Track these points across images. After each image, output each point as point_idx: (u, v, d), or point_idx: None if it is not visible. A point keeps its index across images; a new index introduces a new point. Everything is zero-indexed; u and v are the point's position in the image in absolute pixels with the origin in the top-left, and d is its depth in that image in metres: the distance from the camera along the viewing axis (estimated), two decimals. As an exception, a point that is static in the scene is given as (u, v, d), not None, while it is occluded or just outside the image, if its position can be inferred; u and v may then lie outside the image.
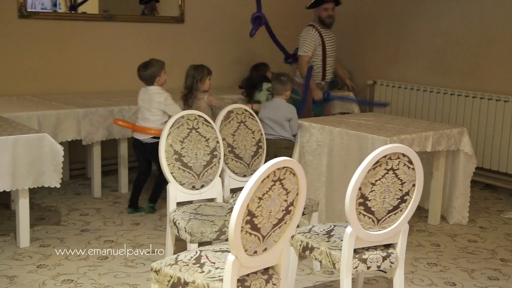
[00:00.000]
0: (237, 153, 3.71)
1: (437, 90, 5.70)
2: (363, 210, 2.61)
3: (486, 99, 5.35)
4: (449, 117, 5.55)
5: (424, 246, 4.01)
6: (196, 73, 4.54)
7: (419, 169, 2.67)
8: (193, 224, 3.01)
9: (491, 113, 5.32)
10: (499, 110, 5.25)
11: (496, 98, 5.26)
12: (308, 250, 2.84)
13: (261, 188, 2.18)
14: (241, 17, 6.27)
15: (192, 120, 3.39)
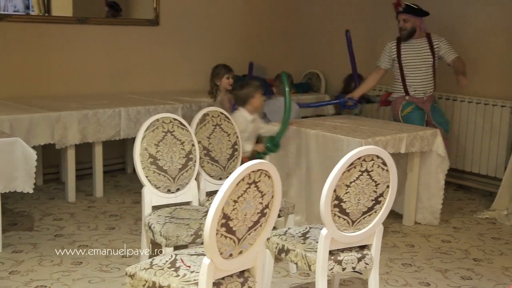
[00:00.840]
0: (212, 156, 3.70)
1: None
2: (338, 211, 2.62)
3: (458, 101, 5.43)
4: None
5: (399, 247, 4.04)
6: (215, 70, 4.84)
7: (393, 171, 2.70)
8: (169, 228, 2.99)
9: (464, 114, 5.40)
10: (471, 112, 5.34)
11: (468, 100, 5.35)
12: (284, 253, 2.84)
13: (236, 191, 2.18)
14: (217, 20, 6.28)
15: (167, 123, 3.38)
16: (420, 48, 4.79)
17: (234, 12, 6.40)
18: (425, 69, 4.78)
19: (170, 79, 6.05)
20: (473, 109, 5.35)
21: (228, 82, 4.81)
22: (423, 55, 4.78)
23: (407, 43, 4.79)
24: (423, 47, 4.78)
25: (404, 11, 4.76)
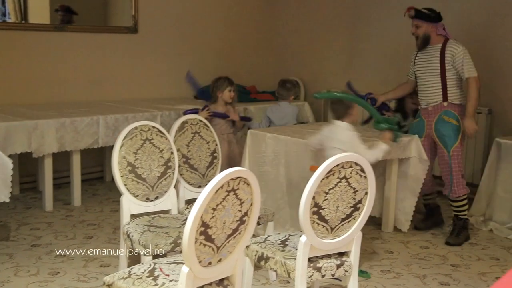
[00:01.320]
0: (192, 164, 3.69)
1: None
2: (317, 218, 2.63)
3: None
4: (401, 126, 5.66)
5: (378, 253, 4.07)
6: (216, 83, 4.73)
7: (371, 177, 2.72)
8: (147, 237, 2.97)
9: None
10: None
11: None
12: (264, 260, 2.84)
13: (215, 199, 2.17)
14: (196, 28, 6.28)
15: (146, 131, 3.36)
16: (430, 55, 4.41)
17: (213, 20, 6.41)
18: (431, 77, 4.37)
19: (149, 86, 6.03)
20: None
21: (230, 95, 4.72)
22: (431, 62, 4.40)
23: (423, 50, 4.45)
24: (433, 54, 4.39)
25: (415, 17, 4.41)
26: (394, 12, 5.78)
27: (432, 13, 4.38)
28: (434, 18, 4.38)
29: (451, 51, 4.29)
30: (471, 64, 4.25)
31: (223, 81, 4.69)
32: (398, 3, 5.75)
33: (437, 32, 4.37)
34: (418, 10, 4.40)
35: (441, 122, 4.36)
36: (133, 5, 5.78)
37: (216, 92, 4.71)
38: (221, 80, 4.71)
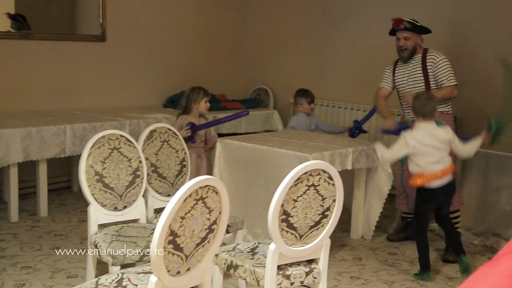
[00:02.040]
0: (160, 173, 3.67)
1: (357, 107, 5.88)
2: (285, 226, 2.64)
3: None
4: (369, 134, 5.73)
5: (347, 260, 4.10)
6: (191, 93, 4.49)
7: (339, 185, 2.74)
8: (115, 246, 2.94)
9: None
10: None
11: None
12: (233, 268, 2.84)
13: (183, 208, 2.17)
14: (165, 35, 6.26)
15: (114, 140, 3.33)
16: (412, 67, 4.33)
17: (182, 27, 6.40)
18: (415, 90, 4.23)
19: (118, 95, 5.98)
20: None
21: (206, 106, 4.52)
22: (414, 74, 4.31)
23: (401, 63, 4.39)
24: (414, 66, 4.31)
25: (405, 29, 4.28)
26: (363, 20, 5.88)
27: (421, 25, 4.32)
28: (422, 30, 4.30)
29: (432, 60, 4.25)
30: (452, 73, 4.21)
31: (198, 92, 4.49)
32: (368, 11, 5.84)
33: (421, 44, 4.35)
34: (411, 22, 4.30)
35: None
36: (100, 14, 5.74)
37: (191, 103, 4.48)
38: (196, 91, 4.51)
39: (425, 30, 4.33)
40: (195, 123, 4.49)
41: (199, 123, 4.51)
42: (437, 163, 3.67)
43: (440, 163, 3.68)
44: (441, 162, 3.68)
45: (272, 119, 6.33)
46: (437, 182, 3.69)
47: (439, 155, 3.68)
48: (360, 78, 5.95)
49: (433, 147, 3.67)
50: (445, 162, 3.70)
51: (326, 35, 6.23)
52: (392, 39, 5.61)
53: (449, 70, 4.22)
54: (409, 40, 4.29)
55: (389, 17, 5.65)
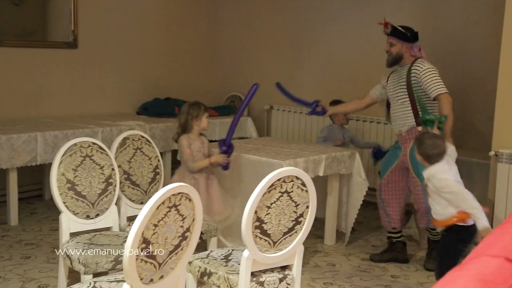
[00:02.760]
0: (133, 180, 3.64)
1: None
2: (259, 233, 2.65)
3: (375, 122, 5.63)
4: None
5: (321, 266, 4.12)
6: (191, 109, 3.92)
7: (312, 191, 2.76)
8: (87, 255, 2.91)
9: (380, 135, 5.61)
10: (387, 133, 5.55)
11: (384, 122, 5.56)
12: (206, 276, 2.83)
13: (156, 215, 2.16)
14: (137, 43, 6.24)
15: (86, 148, 3.30)
16: (399, 77, 4.16)
17: (155, 35, 6.38)
18: (400, 100, 4.11)
19: (90, 102, 5.93)
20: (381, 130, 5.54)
21: (207, 122, 3.97)
22: (399, 85, 4.14)
23: (395, 72, 4.21)
24: (402, 76, 4.14)
25: (390, 34, 4.16)
26: (336, 26, 5.93)
27: (408, 32, 4.12)
28: (410, 37, 4.11)
29: (415, 70, 4.05)
30: (439, 82, 3.96)
31: (198, 107, 3.93)
32: (341, 18, 5.90)
33: (412, 52, 4.11)
34: (394, 28, 4.15)
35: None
36: (72, 20, 5.69)
37: (191, 120, 3.89)
38: (196, 106, 3.94)
39: (409, 38, 4.11)
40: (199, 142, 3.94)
41: (201, 141, 3.95)
42: None
43: None
44: None
45: (246, 126, 6.34)
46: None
47: None
48: (332, 85, 6.00)
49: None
50: None
51: (298, 42, 6.28)
52: (365, 49, 5.71)
53: (435, 78, 3.97)
54: (393, 46, 4.14)
55: (361, 23, 5.75)
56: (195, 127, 3.92)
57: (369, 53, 5.66)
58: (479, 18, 4.86)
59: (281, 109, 6.42)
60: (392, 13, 5.47)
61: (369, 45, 5.68)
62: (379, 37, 5.60)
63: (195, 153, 3.87)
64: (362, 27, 5.72)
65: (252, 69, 6.69)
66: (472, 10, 4.94)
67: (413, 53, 4.12)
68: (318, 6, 6.07)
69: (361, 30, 5.74)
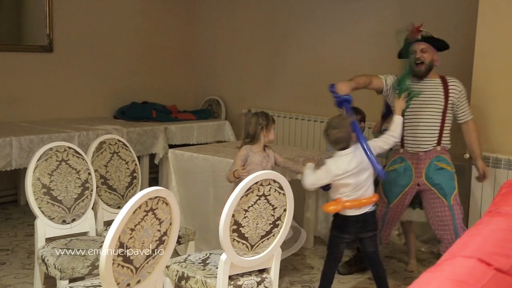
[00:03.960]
0: (110, 185, 3.62)
1: (308, 117, 5.96)
2: (237, 236, 2.65)
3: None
4: (320, 144, 5.82)
5: (299, 269, 4.13)
6: (260, 119, 3.70)
7: (289, 194, 2.77)
8: (63, 260, 2.88)
9: None
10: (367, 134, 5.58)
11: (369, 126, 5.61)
12: (184, 280, 2.82)
13: (133, 219, 2.15)
14: (114, 46, 6.20)
15: (62, 152, 3.27)
16: (432, 90, 3.73)
17: (132, 38, 6.35)
18: (431, 117, 3.70)
19: (67, 106, 5.87)
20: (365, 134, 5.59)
21: (274, 134, 3.76)
22: (434, 100, 3.71)
23: (417, 82, 3.75)
24: (435, 90, 3.72)
25: (422, 40, 3.72)
26: (315, 30, 5.96)
27: (443, 40, 3.77)
28: (443, 46, 3.77)
29: (455, 89, 3.73)
30: (469, 106, 3.81)
31: (267, 118, 3.70)
32: (320, 21, 5.93)
33: (436, 63, 3.77)
34: (429, 35, 3.76)
35: (433, 169, 3.70)
36: (47, 24, 5.63)
37: (260, 132, 3.65)
38: (265, 117, 3.70)
39: (442, 46, 3.77)
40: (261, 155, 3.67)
41: (265, 154, 3.71)
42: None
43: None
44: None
45: (224, 129, 6.34)
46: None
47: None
48: (310, 89, 6.04)
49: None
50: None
51: (277, 46, 6.30)
52: (340, 53, 5.75)
53: (467, 102, 3.81)
54: (425, 52, 3.71)
55: (341, 27, 5.79)
56: (262, 138, 3.69)
57: (348, 56, 5.71)
58: (453, 18, 4.93)
59: (259, 112, 6.41)
60: (370, 16, 5.54)
61: (348, 48, 5.73)
62: (357, 41, 5.68)
63: (253, 166, 3.57)
64: (341, 31, 5.76)
65: (230, 73, 6.70)
66: (447, 10, 5.01)
67: (437, 64, 3.77)
68: (297, 10, 6.10)
69: (340, 34, 5.79)
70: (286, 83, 6.26)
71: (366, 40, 5.59)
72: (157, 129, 5.65)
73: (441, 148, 3.72)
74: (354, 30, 5.66)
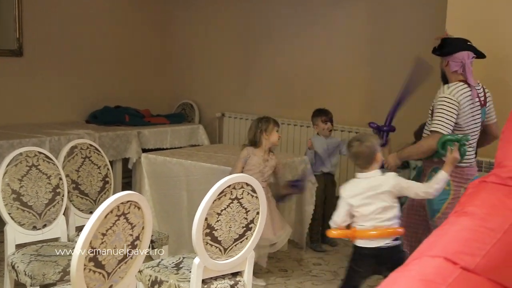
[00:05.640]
0: (82, 190, 3.59)
1: (282, 121, 5.97)
2: (209, 240, 2.65)
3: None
4: (293, 146, 5.85)
5: (273, 272, 4.14)
6: (260, 123, 3.82)
7: (262, 197, 2.78)
8: (34, 266, 2.84)
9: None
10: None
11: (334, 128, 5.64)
12: (157, 284, 2.81)
13: (104, 224, 2.14)
14: (85, 50, 6.14)
15: (32, 157, 3.24)
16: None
17: (104, 42, 6.30)
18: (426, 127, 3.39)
19: (37, 111, 5.79)
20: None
21: (277, 137, 3.86)
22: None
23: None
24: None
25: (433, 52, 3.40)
26: (286, 35, 5.99)
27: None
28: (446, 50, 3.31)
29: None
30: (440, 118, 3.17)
31: (267, 121, 3.82)
32: (291, 27, 5.97)
33: (452, 69, 3.28)
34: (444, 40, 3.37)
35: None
36: (17, 28, 5.56)
37: (261, 134, 3.79)
38: (265, 120, 3.82)
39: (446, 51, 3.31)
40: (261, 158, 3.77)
41: (266, 158, 3.80)
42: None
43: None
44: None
45: (197, 133, 6.32)
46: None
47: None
48: (284, 93, 6.07)
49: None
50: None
51: (250, 51, 6.32)
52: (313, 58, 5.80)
53: (441, 112, 3.18)
54: (442, 62, 3.38)
55: (311, 33, 5.84)
56: (264, 141, 3.80)
57: (321, 59, 5.76)
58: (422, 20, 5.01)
59: (232, 116, 6.43)
60: (342, 21, 5.60)
61: (321, 52, 5.78)
62: (330, 45, 5.72)
63: (250, 167, 3.73)
64: (314, 35, 5.81)
65: (204, 77, 6.70)
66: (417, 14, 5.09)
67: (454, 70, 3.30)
68: (271, 14, 6.12)
69: (313, 38, 5.83)
70: (260, 87, 6.28)
71: (338, 44, 5.65)
72: (130, 134, 5.61)
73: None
74: (327, 34, 5.71)
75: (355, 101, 5.61)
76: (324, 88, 5.76)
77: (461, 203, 1.79)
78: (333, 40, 5.68)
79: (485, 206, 1.68)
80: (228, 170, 3.87)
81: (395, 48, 5.25)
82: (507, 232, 1.58)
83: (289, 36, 5.99)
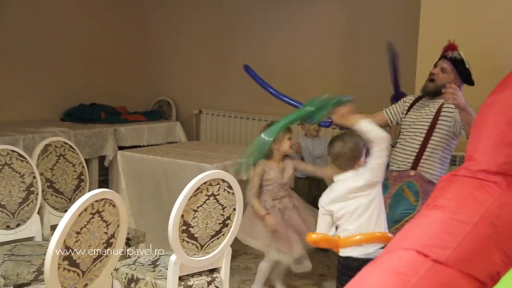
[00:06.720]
0: (57, 188, 3.55)
1: (259, 117, 5.99)
2: (186, 237, 2.64)
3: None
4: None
5: (251, 268, 4.15)
6: None
7: (238, 194, 2.78)
8: (7, 266, 2.81)
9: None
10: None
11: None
12: (134, 282, 2.80)
13: (78, 222, 2.12)
14: (60, 45, 6.07)
15: (4, 156, 3.19)
16: (426, 109, 3.37)
17: (78, 38, 6.22)
18: (413, 136, 3.34)
19: (11, 109, 5.70)
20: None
21: (289, 144, 3.58)
22: (423, 120, 3.35)
23: (426, 101, 3.41)
24: (429, 109, 3.35)
25: (450, 59, 3.32)
26: (260, 31, 6.00)
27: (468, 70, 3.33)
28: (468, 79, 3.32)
29: (449, 110, 3.28)
30: None
31: None
32: (265, 23, 5.97)
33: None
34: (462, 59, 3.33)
35: (398, 195, 3.28)
36: (-12, 23, 5.48)
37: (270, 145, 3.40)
38: None
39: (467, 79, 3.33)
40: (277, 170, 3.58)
41: (282, 167, 3.60)
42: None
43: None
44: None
45: (174, 131, 6.30)
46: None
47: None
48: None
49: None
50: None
51: (225, 47, 6.31)
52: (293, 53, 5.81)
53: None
54: (445, 73, 3.32)
55: (285, 30, 5.85)
56: (274, 151, 3.54)
57: (295, 56, 5.78)
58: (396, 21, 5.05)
59: (210, 113, 6.42)
60: (316, 18, 5.62)
61: (295, 48, 5.80)
62: (303, 41, 5.74)
63: (268, 182, 3.53)
64: (288, 32, 5.82)
65: (180, 73, 6.67)
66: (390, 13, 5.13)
67: None
68: (245, 10, 6.12)
69: (287, 34, 5.84)
70: (236, 83, 6.27)
71: (312, 40, 5.68)
72: (106, 131, 5.57)
73: (415, 173, 3.25)
74: (300, 31, 5.72)
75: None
76: (301, 84, 5.77)
77: (433, 196, 1.81)
78: (310, 35, 5.70)
79: (455, 199, 1.70)
80: (205, 167, 3.87)
81: (370, 43, 5.29)
82: (477, 225, 1.62)
83: (265, 32, 5.99)
